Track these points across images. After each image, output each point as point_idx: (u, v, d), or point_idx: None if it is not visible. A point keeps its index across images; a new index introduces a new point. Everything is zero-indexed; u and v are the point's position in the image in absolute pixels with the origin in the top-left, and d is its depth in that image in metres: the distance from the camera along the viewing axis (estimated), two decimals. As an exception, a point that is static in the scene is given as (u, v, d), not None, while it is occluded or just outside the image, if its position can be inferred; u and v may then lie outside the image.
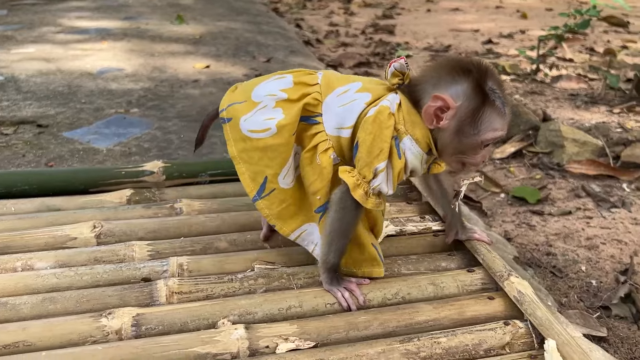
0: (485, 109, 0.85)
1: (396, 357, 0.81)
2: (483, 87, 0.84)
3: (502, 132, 0.87)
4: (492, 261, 0.99)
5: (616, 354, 1.20)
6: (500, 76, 0.90)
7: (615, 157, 2.03)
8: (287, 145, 0.93)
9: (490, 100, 0.84)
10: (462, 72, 0.85)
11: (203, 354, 0.81)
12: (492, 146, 0.92)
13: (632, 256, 1.50)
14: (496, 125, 0.86)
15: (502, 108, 0.86)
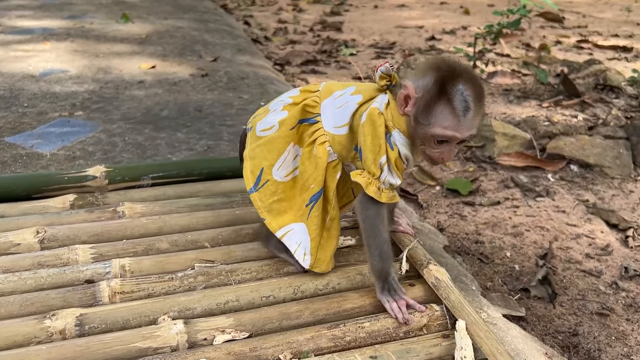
0: (439, 104, 0.89)
1: (324, 342, 0.89)
2: (445, 84, 0.88)
3: (454, 132, 0.90)
4: (414, 251, 1.08)
5: (533, 331, 1.32)
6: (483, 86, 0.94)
7: (542, 150, 2.18)
8: (285, 138, 1.03)
9: (448, 97, 0.88)
10: (433, 69, 0.91)
11: (144, 349, 0.87)
12: (453, 146, 0.93)
13: (551, 242, 1.64)
14: (446, 122, 0.89)
15: (460, 109, 0.88)
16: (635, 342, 1.30)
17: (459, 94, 0.88)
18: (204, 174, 1.40)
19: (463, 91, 0.88)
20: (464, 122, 0.89)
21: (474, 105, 0.89)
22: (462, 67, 0.90)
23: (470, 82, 0.89)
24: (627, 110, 2.54)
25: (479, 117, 0.91)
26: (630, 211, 1.86)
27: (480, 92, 0.91)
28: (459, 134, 0.90)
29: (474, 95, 0.89)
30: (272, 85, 2.66)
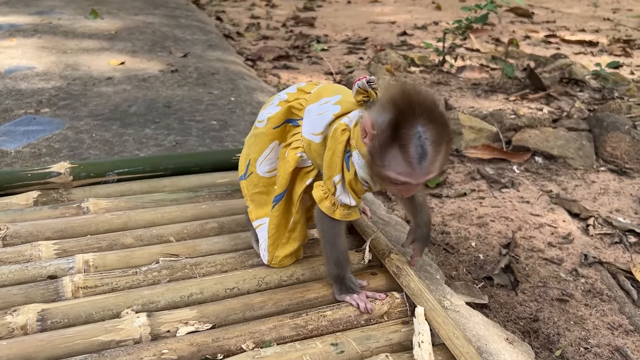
0: (393, 148, 0.81)
1: (286, 331, 0.91)
2: (400, 127, 0.80)
3: (409, 179, 0.83)
4: (376, 241, 1.11)
5: (495, 317, 1.36)
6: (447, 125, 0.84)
7: (508, 142, 2.22)
8: (268, 135, 1.04)
9: (402, 143, 0.80)
10: (391, 105, 0.82)
11: (107, 342, 0.87)
12: (412, 186, 0.86)
13: (514, 231, 1.68)
14: (400, 169, 0.82)
15: (414, 157, 0.80)
16: (592, 326, 1.34)
17: (416, 138, 0.80)
18: (170, 170, 1.41)
19: (421, 135, 0.79)
20: (420, 170, 0.81)
21: (433, 150, 0.80)
22: (423, 105, 0.80)
23: (431, 123, 0.80)
24: (591, 103, 2.60)
25: (439, 160, 0.83)
26: (591, 201, 1.91)
27: (442, 134, 0.81)
28: (413, 180, 0.83)
29: (433, 139, 0.80)
30: (243, 81, 2.66)
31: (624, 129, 2.19)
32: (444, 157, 0.84)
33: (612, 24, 5.10)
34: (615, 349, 1.27)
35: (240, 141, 1.90)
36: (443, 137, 0.82)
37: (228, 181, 1.41)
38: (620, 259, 1.59)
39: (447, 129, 0.83)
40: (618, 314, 1.38)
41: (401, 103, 0.81)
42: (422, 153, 0.80)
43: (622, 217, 1.81)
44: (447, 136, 0.83)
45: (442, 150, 0.82)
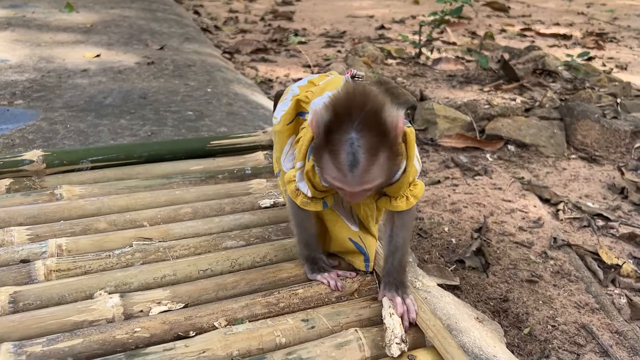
0: (325, 152, 0.78)
1: (258, 309, 0.92)
2: (332, 131, 0.77)
3: (343, 186, 0.79)
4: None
5: (466, 298, 1.39)
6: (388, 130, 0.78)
7: (481, 131, 2.26)
8: (284, 132, 1.02)
9: (332, 148, 0.77)
10: (331, 107, 0.78)
11: (79, 322, 0.88)
12: (349, 194, 0.82)
13: (485, 216, 1.71)
14: (333, 174, 0.79)
15: (345, 164, 0.76)
16: (560, 305, 1.38)
17: (347, 145, 0.75)
18: (144, 157, 1.41)
19: (353, 142, 0.74)
20: (352, 178, 0.76)
21: (366, 160, 0.75)
22: (362, 110, 0.75)
23: (367, 130, 0.75)
24: (563, 93, 2.66)
25: (375, 170, 0.77)
26: (562, 187, 1.96)
27: (380, 143, 0.76)
28: (347, 187, 0.79)
29: (367, 148, 0.75)
30: (219, 73, 2.66)
31: (594, 118, 2.24)
32: (383, 165, 0.77)
33: (586, 18, 5.19)
34: (582, 326, 1.31)
35: (216, 131, 1.90)
36: (380, 145, 0.76)
37: (202, 168, 1.42)
38: (588, 242, 1.64)
39: (386, 136, 0.76)
40: (585, 294, 1.42)
41: (339, 105, 0.76)
42: (353, 161, 0.75)
43: (591, 202, 1.86)
44: (387, 144, 0.77)
45: (378, 159, 0.76)
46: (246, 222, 1.18)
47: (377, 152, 0.76)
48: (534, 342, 1.26)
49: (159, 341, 0.85)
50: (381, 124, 0.76)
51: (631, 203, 1.86)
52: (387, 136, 0.77)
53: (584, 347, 1.24)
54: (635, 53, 3.87)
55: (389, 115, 0.77)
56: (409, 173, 0.87)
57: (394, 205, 0.91)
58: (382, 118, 0.76)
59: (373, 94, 0.79)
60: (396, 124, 0.78)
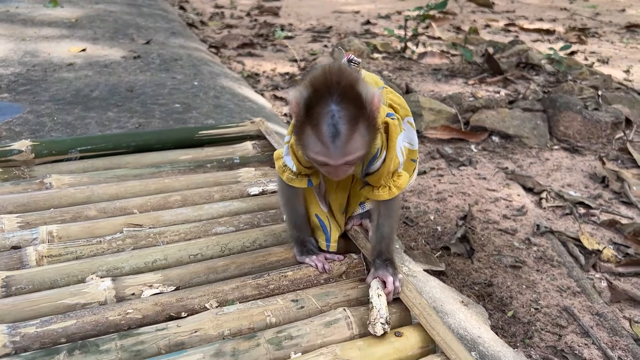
0: (307, 127, 0.80)
1: (248, 290, 0.94)
2: (313, 105, 0.79)
3: (326, 159, 0.80)
4: (335, 208, 1.15)
5: (452, 283, 1.42)
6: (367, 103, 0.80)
7: (466, 123, 2.30)
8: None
9: (314, 122, 0.79)
10: (310, 84, 0.80)
11: (72, 305, 0.89)
12: (332, 169, 0.83)
13: (470, 205, 1.75)
14: (316, 149, 0.80)
15: (327, 135, 0.77)
16: (543, 289, 1.42)
17: (328, 117, 0.77)
18: (133, 147, 1.42)
19: (334, 114, 0.77)
20: (335, 150, 0.78)
21: (347, 130, 0.77)
22: (339, 84, 0.78)
23: (345, 102, 0.78)
24: (545, 86, 2.70)
25: (356, 140, 0.79)
26: (545, 176, 2.00)
27: (358, 113, 0.79)
28: (331, 161, 0.80)
29: (347, 118, 0.77)
30: (206, 67, 2.67)
31: (576, 109, 2.29)
32: (363, 137, 0.80)
33: (569, 13, 5.27)
34: (563, 309, 1.34)
35: (203, 123, 1.91)
36: (358, 117, 0.79)
37: (191, 157, 1.43)
38: (571, 229, 1.67)
39: (363, 109, 0.79)
40: (567, 278, 1.46)
41: (317, 82, 0.79)
42: (334, 132, 0.77)
43: (573, 191, 1.90)
44: (364, 116, 0.79)
45: (357, 130, 0.79)
46: (235, 209, 1.20)
47: (357, 123, 0.79)
48: (518, 324, 1.29)
49: (151, 322, 0.86)
50: (358, 97, 0.79)
51: (612, 191, 1.90)
52: (364, 108, 0.79)
53: (566, 329, 1.28)
54: (616, 47, 3.94)
55: (365, 90, 0.80)
56: (389, 162, 0.90)
57: (376, 195, 0.94)
58: (358, 91, 0.79)
59: (348, 71, 0.81)
60: (372, 98, 0.80)
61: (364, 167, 0.93)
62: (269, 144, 1.51)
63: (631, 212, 1.78)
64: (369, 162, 0.91)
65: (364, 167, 0.93)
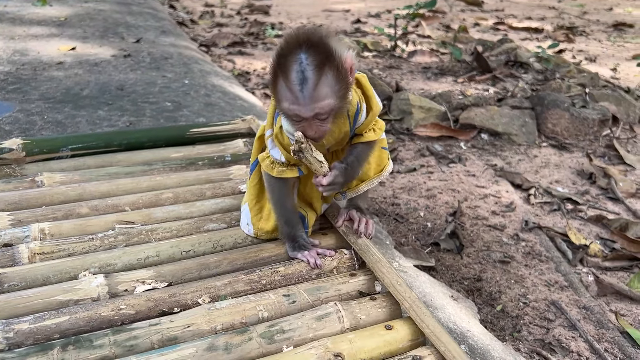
0: (278, 78, 0.83)
1: (240, 286, 0.95)
2: (283, 55, 0.82)
3: (297, 108, 0.82)
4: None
5: (442, 278, 1.43)
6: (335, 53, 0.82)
7: (455, 120, 2.32)
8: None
9: (283, 70, 0.81)
10: (281, 40, 0.84)
11: (65, 301, 0.90)
12: (312, 122, 0.85)
13: (460, 201, 1.76)
14: (287, 98, 0.82)
15: (295, 82, 0.80)
16: (531, 284, 1.44)
17: (297, 64, 0.79)
18: (124, 145, 1.42)
19: (302, 61, 0.79)
20: (304, 97, 0.80)
21: (314, 75, 0.79)
22: (307, 36, 0.81)
23: (313, 50, 0.80)
24: (534, 84, 2.73)
25: (325, 86, 0.81)
26: (533, 173, 2.03)
27: (325, 60, 0.80)
28: (303, 110, 0.82)
29: (315, 64, 0.79)
30: (196, 65, 2.67)
31: (564, 107, 2.32)
32: (331, 85, 0.81)
33: (557, 12, 5.31)
34: (551, 303, 1.36)
35: (194, 121, 1.92)
36: (327, 64, 0.80)
37: (182, 155, 1.43)
38: (558, 224, 1.70)
39: (333, 59, 0.81)
40: (554, 273, 1.48)
41: (289, 36, 0.82)
42: (302, 78, 0.79)
43: (561, 187, 1.93)
44: (334, 65, 0.81)
45: (326, 76, 0.80)
46: (227, 205, 1.21)
47: (325, 69, 0.80)
48: (506, 318, 1.31)
49: (144, 317, 0.87)
50: (328, 48, 0.81)
51: (599, 188, 1.93)
52: (334, 59, 0.81)
53: (554, 322, 1.30)
54: (603, 46, 3.99)
55: (336, 45, 0.83)
56: (376, 110, 0.97)
57: (364, 137, 0.99)
58: (328, 43, 0.82)
59: (323, 31, 0.84)
60: (343, 53, 0.83)
61: (352, 125, 0.97)
62: (260, 142, 1.52)
63: (617, 207, 1.80)
64: (354, 118, 0.96)
65: (351, 125, 0.97)
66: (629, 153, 2.18)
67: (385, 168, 1.07)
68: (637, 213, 1.75)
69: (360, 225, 1.06)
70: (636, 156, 2.16)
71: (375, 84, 2.45)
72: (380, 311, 0.92)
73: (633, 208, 1.78)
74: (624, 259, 1.53)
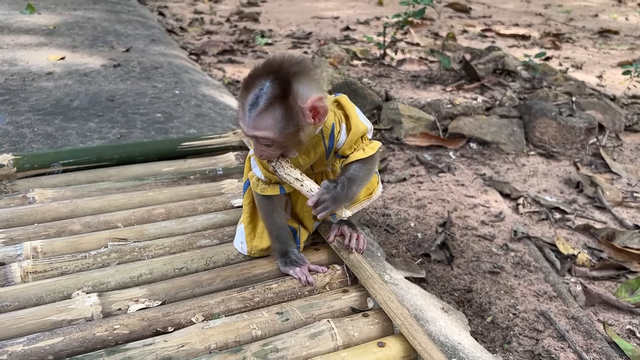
0: (241, 95, 0.89)
1: (234, 304, 0.96)
2: (251, 76, 0.88)
3: (241, 124, 0.89)
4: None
5: (432, 290, 1.45)
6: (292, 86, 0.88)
7: (444, 130, 2.34)
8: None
9: (245, 89, 0.88)
10: (261, 63, 0.89)
11: (59, 321, 0.90)
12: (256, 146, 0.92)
13: (449, 211, 1.78)
14: (239, 112, 0.89)
15: (246, 103, 0.87)
16: (520, 294, 1.45)
17: (257, 88, 0.86)
18: (115, 159, 1.42)
19: (263, 88, 0.86)
20: (247, 118, 0.87)
21: (265, 105, 0.85)
22: (281, 66, 0.86)
23: (277, 82, 0.86)
24: (522, 92, 2.76)
25: (270, 119, 0.86)
26: (522, 182, 2.05)
27: (283, 100, 0.86)
28: (244, 127, 0.89)
29: (271, 98, 0.85)
30: (187, 75, 2.67)
31: (551, 116, 2.35)
32: (276, 121, 0.86)
33: (544, 18, 5.37)
34: (540, 313, 1.38)
35: (185, 133, 1.92)
36: (279, 100, 0.85)
37: (174, 169, 1.44)
38: (547, 234, 1.72)
39: (289, 96, 0.85)
40: (543, 283, 1.50)
41: (267, 60, 0.88)
42: (254, 102, 0.86)
43: (549, 196, 1.95)
44: (287, 106, 0.86)
45: (274, 111, 0.85)
46: (219, 221, 1.22)
47: (275, 104, 0.86)
48: (497, 330, 1.32)
49: (138, 337, 0.88)
50: (290, 87, 0.86)
51: (586, 196, 1.96)
52: (291, 98, 0.86)
53: (543, 333, 1.32)
54: (589, 52, 4.04)
55: (302, 88, 0.86)
56: (354, 128, 0.97)
57: (351, 158, 0.98)
58: (294, 83, 0.86)
59: (298, 64, 0.87)
60: (307, 98, 0.87)
61: (327, 146, 0.98)
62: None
63: (604, 216, 1.83)
64: (329, 139, 0.97)
65: (327, 146, 0.98)
66: (615, 161, 2.22)
67: (374, 191, 1.08)
68: (624, 222, 1.78)
69: (352, 241, 1.07)
70: (622, 164, 2.20)
71: (364, 93, 2.47)
72: (372, 328, 0.93)
73: (619, 217, 1.81)
74: (611, 268, 1.55)
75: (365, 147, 0.99)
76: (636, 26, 4.90)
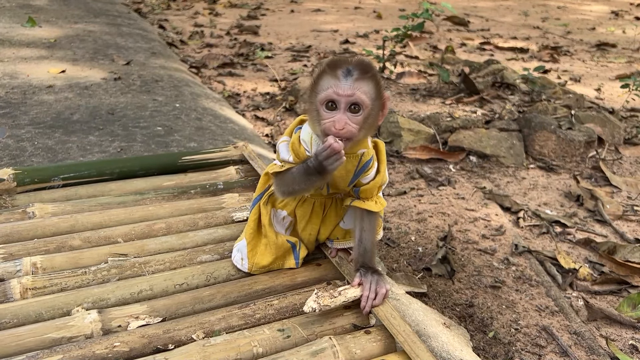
0: (323, 76, 0.93)
1: (235, 320, 0.95)
2: (330, 64, 0.93)
3: (333, 90, 0.92)
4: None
5: (434, 305, 1.44)
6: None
7: (444, 143, 2.34)
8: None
9: (331, 69, 0.93)
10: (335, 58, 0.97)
11: (58, 339, 0.89)
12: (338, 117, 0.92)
13: (450, 225, 1.78)
14: (330, 84, 0.92)
15: (339, 74, 0.92)
16: (522, 309, 1.45)
17: (345, 68, 0.92)
18: (116, 174, 1.42)
19: (350, 68, 0.92)
20: (346, 81, 0.91)
21: (359, 73, 0.92)
22: (360, 59, 0.94)
23: (362, 65, 0.94)
24: (521, 105, 2.77)
25: (366, 86, 0.91)
26: (522, 195, 2.05)
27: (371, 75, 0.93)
28: (340, 90, 0.91)
29: (361, 70, 0.92)
30: (187, 88, 2.68)
31: (551, 129, 2.35)
32: (370, 88, 0.92)
33: (541, 32, 5.40)
34: (542, 329, 1.38)
35: (185, 146, 1.92)
36: (369, 74, 0.92)
37: (174, 184, 1.44)
38: (548, 248, 1.72)
39: (375, 74, 0.93)
40: (545, 297, 1.50)
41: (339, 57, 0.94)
42: (348, 71, 0.91)
43: (549, 210, 1.95)
44: (375, 78, 0.93)
45: (368, 80, 0.91)
46: (220, 236, 1.21)
47: (367, 75, 0.91)
48: (499, 345, 1.32)
49: (139, 355, 0.87)
50: (374, 69, 0.94)
51: (586, 210, 1.96)
52: (377, 75, 0.93)
53: (545, 348, 1.31)
54: (587, 65, 4.06)
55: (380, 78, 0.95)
56: (383, 173, 1.02)
57: (366, 205, 1.02)
58: (375, 70, 0.94)
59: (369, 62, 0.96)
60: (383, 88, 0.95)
61: (358, 170, 1.00)
62: (252, 169, 1.52)
63: (605, 230, 1.83)
64: (364, 164, 0.99)
65: (357, 170, 1.00)
66: (615, 174, 2.22)
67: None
68: (624, 236, 1.78)
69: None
70: (622, 177, 2.20)
71: (364, 106, 2.48)
72: (374, 345, 0.92)
73: (620, 230, 1.81)
74: (612, 282, 1.55)
75: (377, 200, 1.04)
76: (633, 39, 4.93)
